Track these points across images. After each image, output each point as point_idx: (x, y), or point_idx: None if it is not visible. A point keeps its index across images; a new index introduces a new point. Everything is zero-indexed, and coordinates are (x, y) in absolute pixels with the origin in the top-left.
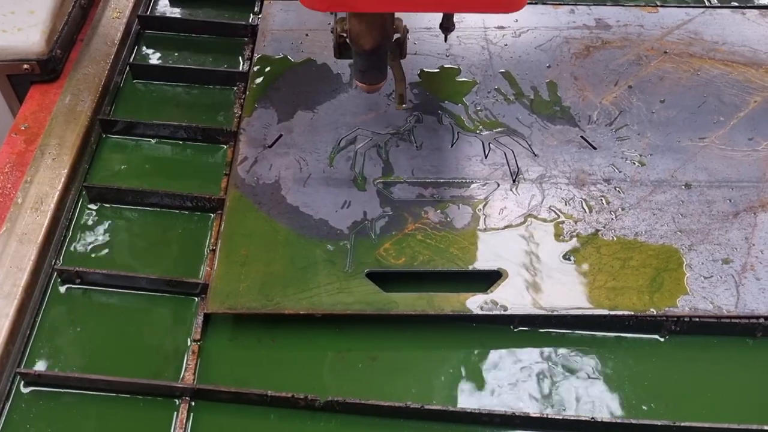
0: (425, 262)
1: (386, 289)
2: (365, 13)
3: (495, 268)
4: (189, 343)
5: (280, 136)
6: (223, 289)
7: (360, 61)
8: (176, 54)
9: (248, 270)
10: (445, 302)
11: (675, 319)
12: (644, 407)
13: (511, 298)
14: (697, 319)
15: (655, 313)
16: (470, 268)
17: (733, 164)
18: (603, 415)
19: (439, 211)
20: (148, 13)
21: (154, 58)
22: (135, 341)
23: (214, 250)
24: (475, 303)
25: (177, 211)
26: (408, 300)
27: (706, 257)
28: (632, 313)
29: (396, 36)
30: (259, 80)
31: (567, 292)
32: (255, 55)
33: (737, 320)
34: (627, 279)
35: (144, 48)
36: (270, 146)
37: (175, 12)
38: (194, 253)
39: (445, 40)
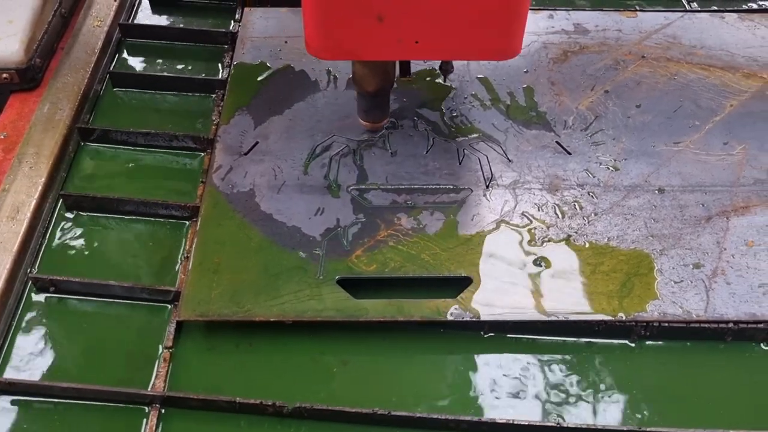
0: (396, 268)
1: (357, 296)
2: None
3: (465, 275)
4: (161, 351)
5: (256, 143)
6: (195, 297)
7: (363, 101)
8: (157, 62)
9: (220, 277)
10: (415, 309)
11: (644, 324)
12: (613, 413)
13: (481, 304)
14: (666, 324)
15: (624, 318)
16: (441, 274)
17: (707, 168)
18: (571, 421)
19: (412, 217)
20: (130, 21)
21: (135, 66)
22: (108, 349)
23: (188, 258)
24: (445, 309)
25: (153, 219)
26: (378, 306)
27: (677, 262)
28: (602, 318)
29: None
30: (236, 88)
31: (537, 298)
32: (233, 62)
33: (707, 325)
34: (597, 284)
35: (125, 56)
36: (246, 153)
37: (157, 20)
38: (169, 261)
39: (444, 80)
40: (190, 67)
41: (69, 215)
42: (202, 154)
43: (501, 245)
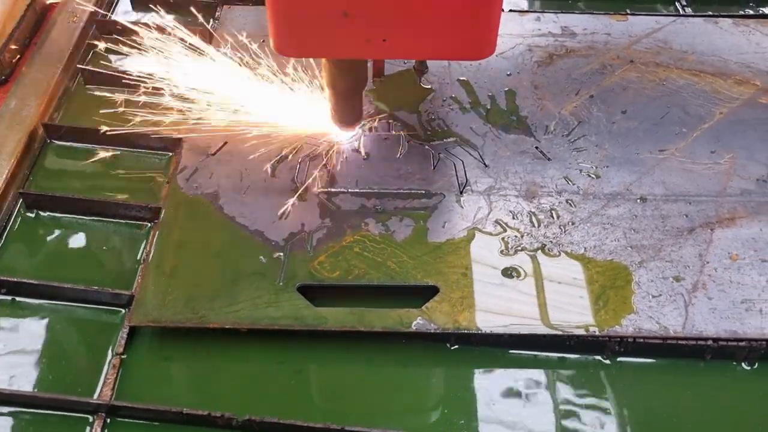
0: (360, 275)
1: (317, 304)
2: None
3: (432, 284)
4: (111, 357)
5: (225, 143)
6: (149, 302)
7: (334, 102)
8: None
9: (176, 282)
10: (378, 318)
11: (618, 339)
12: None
13: (447, 315)
14: (642, 340)
15: (597, 333)
16: (406, 282)
17: (693, 178)
18: None
19: (380, 223)
20: (109, 18)
21: (110, 63)
22: (57, 355)
23: (146, 261)
24: (409, 320)
25: (114, 220)
26: (338, 315)
27: (656, 274)
28: (574, 332)
29: None
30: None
31: (507, 309)
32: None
33: (684, 342)
34: (571, 296)
35: (101, 53)
36: (213, 154)
37: (135, 17)
38: (128, 264)
39: (419, 81)
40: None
41: (30, 214)
42: (171, 154)
43: (472, 254)
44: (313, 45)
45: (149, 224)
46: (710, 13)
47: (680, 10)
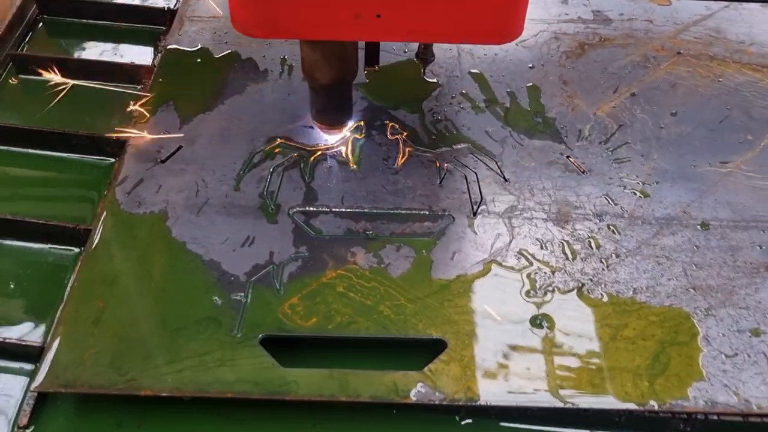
0: (344, 324)
1: (286, 363)
2: (319, 41)
3: (438, 337)
4: (11, 430)
5: (179, 148)
6: (64, 358)
7: (317, 98)
8: (79, 44)
9: (101, 331)
10: (365, 384)
11: (685, 416)
12: None
13: (456, 379)
14: (716, 418)
15: (656, 407)
16: (404, 335)
17: (765, 198)
18: None
19: (371, 253)
20: None
21: (50, 48)
22: None
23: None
24: (407, 386)
25: (34, 245)
26: (313, 379)
27: (729, 326)
28: (625, 406)
29: None
30: (164, 77)
31: (535, 372)
32: (165, 46)
33: None
34: (619, 356)
35: (39, 36)
36: (164, 161)
37: None
38: (45, 303)
39: (423, 72)
40: (116, 52)
41: None
42: (114, 160)
43: (489, 296)
44: (285, 23)
45: (77, 249)
46: None
47: None
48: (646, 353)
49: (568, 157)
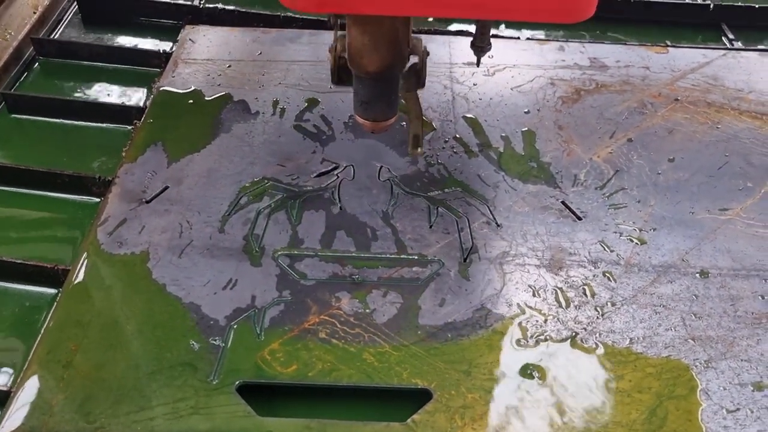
0: (325, 372)
1: (263, 411)
2: (370, 21)
3: (423, 386)
4: None
5: (165, 188)
6: (30, 403)
7: (362, 88)
8: (73, 85)
9: (72, 375)
10: None
11: None
12: None
13: (443, 431)
14: None
15: None
16: (389, 384)
17: (767, 246)
18: None
19: (356, 299)
20: (51, 36)
21: (46, 88)
22: None
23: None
24: None
25: (10, 284)
26: (291, 429)
27: (730, 379)
28: None
29: (413, 61)
30: (155, 118)
31: (527, 425)
32: (158, 87)
33: None
34: (615, 410)
35: (33, 76)
36: (148, 201)
37: (84, 37)
38: (15, 346)
39: (478, 64)
40: (109, 93)
41: None
42: (100, 199)
43: (479, 345)
44: None
45: (55, 290)
46: (762, 47)
47: (728, 43)
48: (642, 407)
49: (563, 202)
